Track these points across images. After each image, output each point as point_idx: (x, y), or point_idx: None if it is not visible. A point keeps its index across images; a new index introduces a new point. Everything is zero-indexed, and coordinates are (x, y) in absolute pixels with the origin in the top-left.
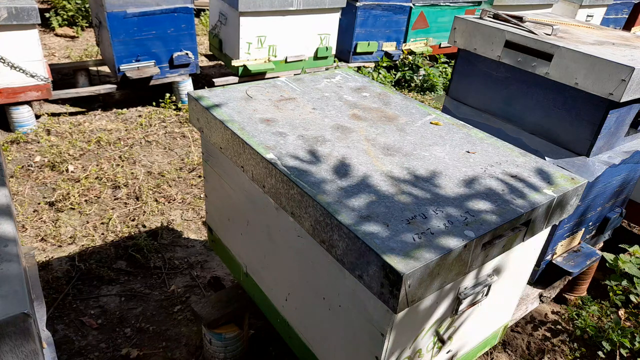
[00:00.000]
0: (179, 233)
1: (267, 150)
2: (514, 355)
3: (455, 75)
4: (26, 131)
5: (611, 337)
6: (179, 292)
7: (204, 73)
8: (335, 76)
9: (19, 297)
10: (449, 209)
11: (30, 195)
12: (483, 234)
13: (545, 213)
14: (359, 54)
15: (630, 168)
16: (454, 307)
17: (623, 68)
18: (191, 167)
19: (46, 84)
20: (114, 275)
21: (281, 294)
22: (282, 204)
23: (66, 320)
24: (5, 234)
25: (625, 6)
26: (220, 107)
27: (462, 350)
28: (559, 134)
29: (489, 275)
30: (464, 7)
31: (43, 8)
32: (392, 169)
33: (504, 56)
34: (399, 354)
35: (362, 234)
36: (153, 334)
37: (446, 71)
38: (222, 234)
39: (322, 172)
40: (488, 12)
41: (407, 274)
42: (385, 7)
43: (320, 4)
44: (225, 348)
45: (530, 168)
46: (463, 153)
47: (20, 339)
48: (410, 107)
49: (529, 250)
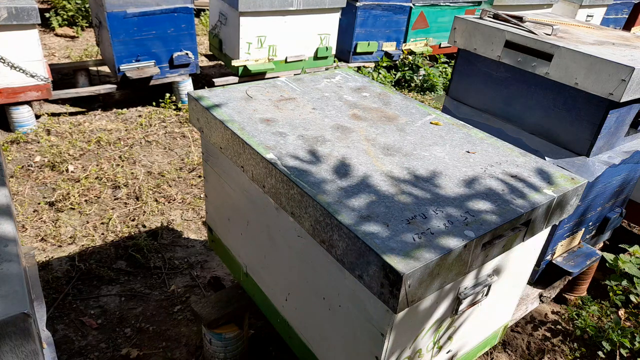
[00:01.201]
0: (179, 233)
1: (267, 150)
2: (514, 355)
3: (455, 75)
4: (26, 131)
5: (611, 337)
6: (179, 292)
7: (204, 73)
8: (335, 76)
9: (19, 297)
10: (449, 209)
11: (30, 195)
12: (483, 234)
13: (545, 213)
14: (359, 54)
15: (630, 168)
16: (454, 307)
17: (623, 68)
18: (191, 167)
19: (46, 84)
20: (114, 275)
21: (281, 294)
22: (282, 204)
23: (66, 320)
24: (5, 234)
25: (625, 6)
26: (220, 107)
27: (462, 350)
28: (559, 134)
29: (489, 275)
30: (464, 7)
31: (43, 8)
32: (392, 169)
33: (504, 56)
34: (399, 354)
35: (362, 234)
36: (153, 334)
37: (446, 71)
38: (222, 234)
39: (322, 172)
40: (488, 12)
41: (407, 274)
42: (385, 7)
43: (320, 4)
44: (225, 348)
45: (530, 168)
46: (463, 153)
47: (20, 339)
48: (410, 107)
49: (529, 250)
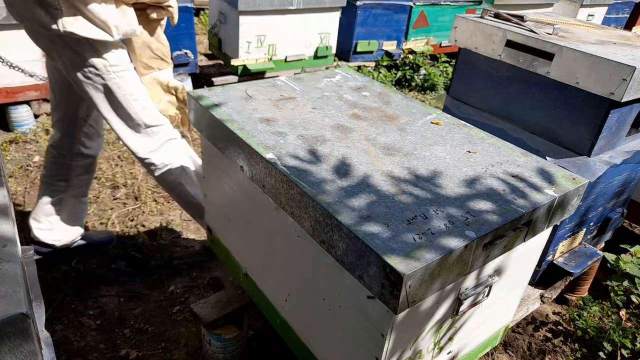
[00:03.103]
0: (178, 233)
1: (266, 150)
2: (515, 356)
3: (456, 74)
4: (25, 131)
5: (612, 338)
6: (178, 293)
7: (203, 72)
8: (336, 75)
9: (18, 297)
10: (449, 209)
11: (29, 195)
12: (484, 234)
13: (546, 213)
14: (359, 53)
15: (632, 168)
16: (455, 307)
17: (624, 67)
18: None
19: (45, 83)
20: (112, 276)
21: (281, 294)
22: (282, 204)
23: (65, 321)
24: (4, 234)
25: (626, 5)
26: (219, 107)
27: (463, 351)
28: (560, 134)
29: (490, 276)
30: (464, 6)
31: None
32: (392, 168)
33: (505, 55)
34: (399, 355)
35: (363, 234)
36: (152, 335)
37: (447, 70)
38: (221, 234)
39: (322, 172)
40: (489, 11)
41: (408, 275)
42: (385, 6)
43: (320, 3)
44: (225, 349)
45: (532, 168)
46: (464, 153)
47: (19, 340)
48: (411, 107)
49: (530, 250)
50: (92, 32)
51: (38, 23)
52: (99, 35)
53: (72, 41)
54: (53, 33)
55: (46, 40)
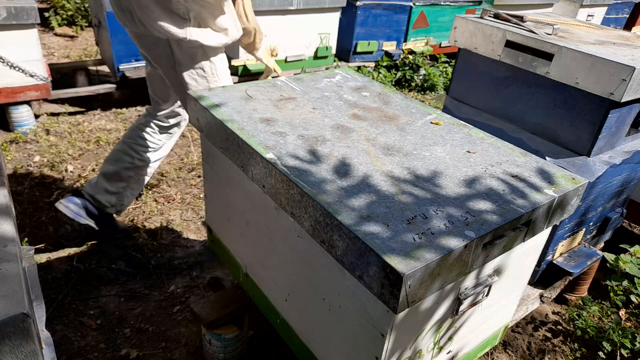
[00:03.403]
0: (178, 233)
1: (266, 150)
2: (515, 355)
3: (456, 74)
4: (25, 131)
5: (612, 338)
6: (179, 293)
7: None
8: (335, 76)
9: (18, 297)
10: (449, 209)
11: (30, 195)
12: (484, 234)
13: (546, 213)
14: (359, 54)
15: (631, 168)
16: (455, 307)
17: (624, 68)
18: (191, 167)
19: (45, 83)
20: (113, 276)
21: (281, 294)
22: (282, 204)
23: (65, 321)
24: (5, 234)
25: (626, 6)
26: (219, 107)
27: (462, 350)
28: (559, 134)
29: (490, 276)
30: (464, 6)
31: (42, 7)
32: (392, 168)
33: (505, 56)
34: (399, 355)
35: (363, 234)
36: (152, 335)
37: (446, 71)
38: (221, 234)
39: (322, 172)
40: (489, 11)
41: (408, 274)
42: (385, 6)
43: (320, 3)
44: (225, 349)
45: (531, 168)
46: (464, 153)
47: (19, 340)
48: (411, 107)
49: (529, 250)
50: (212, 40)
51: (158, 29)
52: (218, 41)
53: (190, 46)
54: (174, 39)
55: (160, 44)
